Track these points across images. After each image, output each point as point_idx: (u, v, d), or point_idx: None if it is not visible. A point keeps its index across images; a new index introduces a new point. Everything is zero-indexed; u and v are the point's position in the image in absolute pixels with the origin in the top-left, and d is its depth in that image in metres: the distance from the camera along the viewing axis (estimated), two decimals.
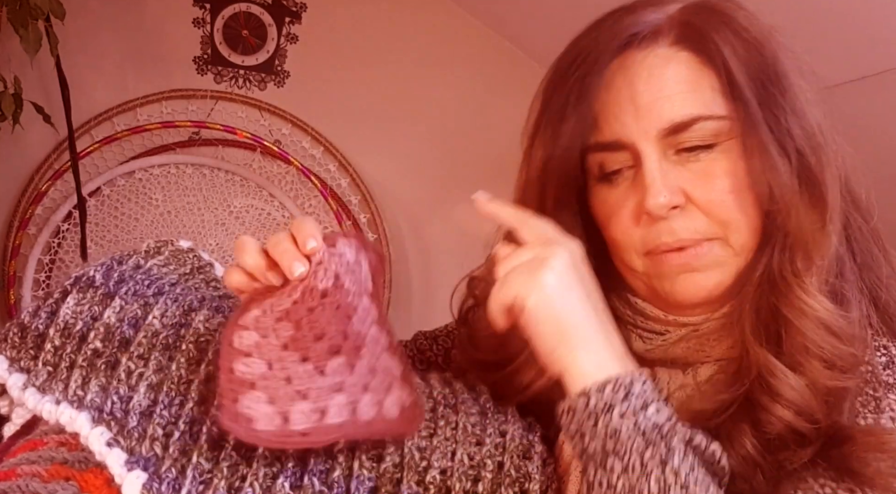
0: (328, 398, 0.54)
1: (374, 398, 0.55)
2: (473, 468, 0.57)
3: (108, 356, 0.57)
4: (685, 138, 0.61)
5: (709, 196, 0.61)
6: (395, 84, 2.05)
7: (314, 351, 0.55)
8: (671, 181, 0.61)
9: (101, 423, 0.53)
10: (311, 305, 0.56)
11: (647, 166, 0.61)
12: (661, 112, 0.60)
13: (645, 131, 0.61)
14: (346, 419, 0.53)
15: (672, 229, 0.61)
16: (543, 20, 1.86)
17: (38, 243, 1.82)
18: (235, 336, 0.55)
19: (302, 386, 0.54)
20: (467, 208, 0.66)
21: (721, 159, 0.61)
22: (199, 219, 1.94)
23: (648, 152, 0.61)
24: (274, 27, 1.99)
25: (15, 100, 1.56)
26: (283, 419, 0.52)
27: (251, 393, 0.53)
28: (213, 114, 1.95)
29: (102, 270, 0.63)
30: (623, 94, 0.62)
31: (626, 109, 0.61)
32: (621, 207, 0.64)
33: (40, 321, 0.60)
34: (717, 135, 0.61)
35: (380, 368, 0.57)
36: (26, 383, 0.56)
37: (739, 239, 0.61)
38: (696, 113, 0.60)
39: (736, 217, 0.61)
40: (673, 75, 0.61)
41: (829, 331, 0.57)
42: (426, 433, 0.59)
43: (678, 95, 0.60)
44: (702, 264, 0.62)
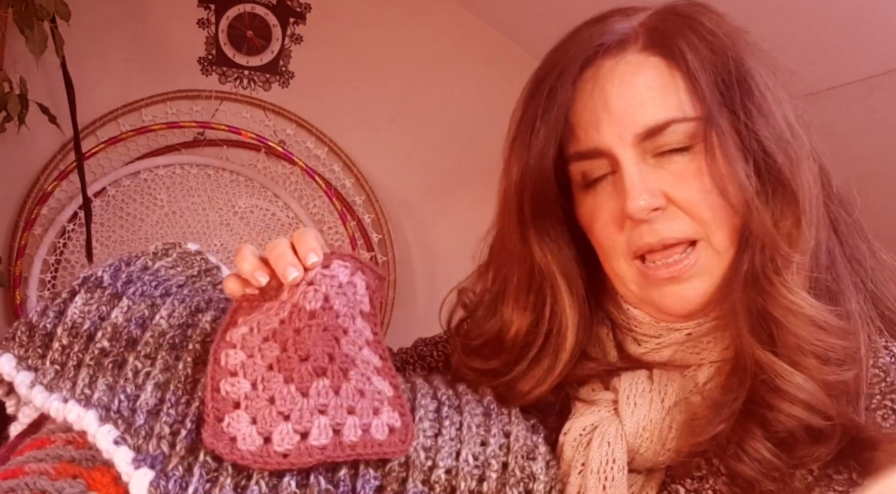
0: (310, 420, 0.54)
1: (360, 421, 0.55)
2: (478, 467, 0.58)
3: (115, 356, 0.58)
4: (661, 142, 0.61)
5: (688, 196, 0.61)
6: (399, 84, 2.05)
7: (299, 373, 0.55)
8: (651, 184, 0.61)
9: (108, 421, 0.53)
10: (298, 326, 0.57)
11: (626, 171, 0.62)
12: (634, 118, 0.61)
13: (620, 137, 0.62)
14: (328, 441, 0.54)
15: (655, 230, 0.62)
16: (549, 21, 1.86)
17: (44, 244, 1.83)
18: (222, 354, 0.56)
19: (284, 408, 0.54)
20: None
21: (696, 160, 0.62)
22: (204, 219, 1.94)
23: (626, 158, 0.62)
24: (278, 28, 2.00)
25: (21, 101, 1.57)
26: (264, 440, 0.53)
27: (235, 412, 0.54)
28: (218, 114, 1.95)
29: (111, 271, 0.64)
30: (597, 102, 0.63)
31: (601, 117, 0.62)
32: (604, 213, 0.64)
33: (48, 320, 0.60)
34: (692, 137, 0.61)
35: (368, 390, 0.57)
36: (34, 381, 0.57)
37: (720, 240, 0.62)
38: (670, 116, 0.61)
39: (713, 217, 0.61)
40: (644, 81, 0.62)
41: (817, 326, 0.57)
42: (431, 432, 0.59)
43: (650, 100, 0.61)
44: (689, 275, 0.62)
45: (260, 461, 0.52)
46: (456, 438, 0.59)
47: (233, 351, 0.56)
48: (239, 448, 0.52)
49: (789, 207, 0.60)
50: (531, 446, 0.61)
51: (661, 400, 0.63)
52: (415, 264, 2.11)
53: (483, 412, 0.64)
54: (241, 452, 0.52)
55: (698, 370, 0.64)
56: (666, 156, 0.62)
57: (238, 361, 0.56)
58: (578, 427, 0.64)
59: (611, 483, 0.60)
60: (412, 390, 0.65)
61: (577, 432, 0.63)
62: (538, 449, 0.61)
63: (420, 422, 0.60)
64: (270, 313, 0.58)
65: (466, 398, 0.65)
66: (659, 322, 0.66)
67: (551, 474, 0.60)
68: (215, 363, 0.56)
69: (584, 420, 0.64)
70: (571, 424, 0.64)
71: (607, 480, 0.60)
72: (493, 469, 0.58)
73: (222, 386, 0.55)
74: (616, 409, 0.64)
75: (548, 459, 0.61)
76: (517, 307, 0.68)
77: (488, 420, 0.62)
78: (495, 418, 0.63)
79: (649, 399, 0.63)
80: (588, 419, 0.64)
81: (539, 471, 0.59)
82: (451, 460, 0.58)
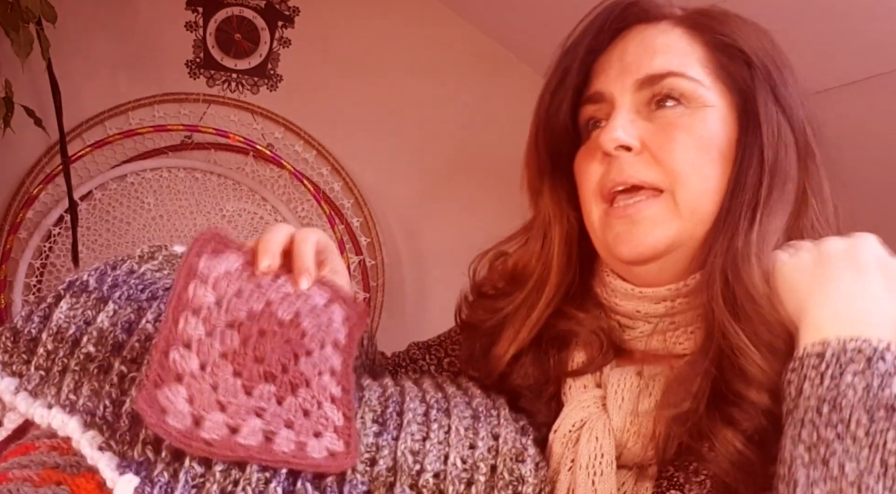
0: (244, 419, 0.54)
1: (296, 437, 0.55)
2: (467, 471, 0.58)
3: (100, 361, 0.57)
4: (655, 91, 0.65)
5: (663, 144, 0.64)
6: (387, 88, 2.05)
7: (249, 370, 0.55)
8: (633, 129, 0.65)
9: (92, 427, 0.53)
10: (263, 327, 0.57)
11: (615, 111, 0.66)
12: (640, 65, 0.66)
13: (622, 83, 0.66)
14: (257, 443, 0.53)
15: (622, 169, 0.64)
16: (537, 25, 1.87)
17: (29, 248, 1.81)
18: (182, 317, 0.56)
19: (224, 398, 0.54)
20: None
21: (686, 117, 0.65)
22: (192, 223, 1.93)
23: (620, 101, 0.66)
24: (267, 31, 1.99)
25: (6, 103, 1.56)
26: (194, 422, 0.52)
27: (175, 386, 0.53)
28: (206, 117, 1.94)
29: (96, 274, 0.63)
30: (614, 54, 0.68)
31: (613, 65, 0.67)
32: (589, 155, 0.68)
33: (33, 325, 0.60)
34: (687, 96, 0.65)
35: (315, 413, 0.57)
36: (18, 387, 0.56)
37: (687, 197, 0.63)
38: (672, 69, 0.65)
39: (685, 170, 0.63)
40: (663, 41, 0.67)
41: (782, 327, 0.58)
42: (419, 436, 0.59)
43: (661, 55, 0.66)
44: (642, 218, 0.64)
45: (183, 441, 0.52)
46: (444, 441, 0.59)
47: (193, 319, 0.56)
48: (167, 421, 0.52)
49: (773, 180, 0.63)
50: (520, 448, 0.61)
51: (649, 394, 0.63)
52: (404, 267, 2.11)
53: (472, 414, 0.63)
54: (167, 426, 0.51)
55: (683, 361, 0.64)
56: (660, 110, 0.65)
57: (195, 334, 0.55)
58: (568, 424, 0.64)
59: (600, 477, 0.61)
60: (401, 393, 0.65)
61: (567, 428, 0.64)
62: (527, 451, 0.61)
63: (408, 426, 0.60)
64: (244, 294, 0.58)
65: (455, 400, 0.65)
66: (635, 289, 0.67)
67: (541, 476, 0.60)
68: (173, 323, 0.55)
69: (574, 417, 0.64)
70: (561, 421, 0.65)
71: (596, 475, 0.61)
72: (481, 472, 0.58)
73: (171, 353, 0.54)
74: (605, 405, 0.64)
75: (537, 461, 0.61)
76: (529, 243, 0.73)
77: (477, 423, 0.62)
78: (484, 420, 0.63)
79: (637, 394, 0.63)
80: (577, 415, 0.64)
81: (528, 473, 0.59)
82: (440, 464, 0.58)
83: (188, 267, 0.58)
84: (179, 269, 0.58)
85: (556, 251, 0.70)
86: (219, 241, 0.61)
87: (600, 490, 0.60)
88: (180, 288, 0.57)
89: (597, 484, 0.60)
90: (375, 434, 0.59)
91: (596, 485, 0.60)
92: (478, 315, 0.74)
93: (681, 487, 0.60)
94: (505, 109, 1.97)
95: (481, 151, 2.01)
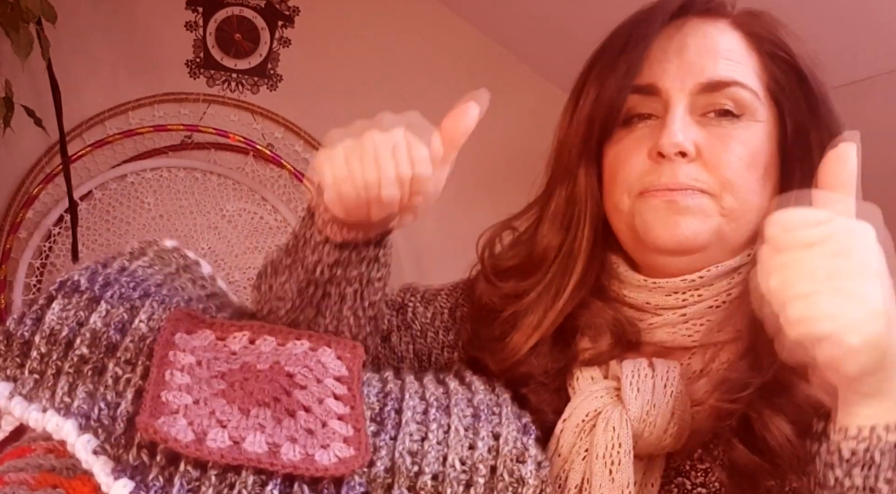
0: (247, 431, 0.54)
1: (301, 450, 0.54)
2: (466, 472, 0.57)
3: (94, 362, 0.57)
4: (716, 99, 0.64)
5: (719, 155, 0.63)
6: (387, 88, 2.05)
7: (242, 400, 0.56)
8: (689, 134, 0.63)
9: (87, 431, 0.53)
10: (247, 375, 0.58)
11: (673, 112, 0.64)
12: (703, 68, 0.64)
13: (682, 82, 0.64)
14: (262, 451, 0.53)
15: (674, 173, 0.63)
16: (537, 25, 1.87)
17: (29, 247, 1.81)
18: (167, 373, 0.56)
19: (223, 417, 0.54)
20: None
21: (742, 130, 0.64)
22: (192, 223, 1.93)
23: (678, 101, 0.64)
24: (267, 31, 1.99)
25: (6, 103, 1.56)
26: (197, 440, 0.52)
27: (172, 416, 0.53)
28: (206, 117, 1.94)
29: (87, 274, 0.63)
30: (672, 45, 0.66)
31: (671, 59, 0.65)
32: (633, 148, 0.66)
33: (25, 328, 0.59)
34: (746, 108, 0.64)
35: (321, 432, 0.56)
36: (13, 391, 0.56)
37: (732, 203, 0.64)
38: (736, 78, 0.64)
39: (737, 181, 0.63)
40: (725, 44, 0.65)
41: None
42: (418, 437, 0.59)
43: (724, 60, 0.65)
44: (685, 207, 0.63)
45: (191, 449, 0.51)
46: (443, 442, 0.59)
47: (179, 373, 0.56)
48: (176, 438, 0.52)
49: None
50: (521, 448, 0.60)
51: (664, 385, 0.63)
52: (403, 267, 2.11)
53: (473, 413, 0.63)
54: (176, 443, 0.52)
55: (693, 358, 0.65)
56: (714, 119, 0.65)
57: (183, 382, 0.56)
58: (580, 414, 0.64)
59: (617, 467, 0.60)
60: (401, 389, 0.64)
61: (580, 418, 0.64)
62: (528, 452, 0.60)
63: (406, 425, 0.59)
64: (221, 358, 0.59)
65: (456, 397, 0.64)
66: (647, 280, 0.66)
67: (542, 476, 0.59)
68: (160, 376, 0.55)
69: (586, 407, 0.64)
70: (572, 410, 0.64)
71: (614, 464, 0.60)
72: (480, 473, 0.57)
73: (164, 396, 0.54)
74: (618, 395, 0.64)
75: (539, 460, 0.60)
76: (552, 227, 0.70)
77: (477, 422, 0.61)
78: (485, 419, 0.62)
79: (651, 385, 0.63)
80: (590, 404, 0.64)
81: (528, 475, 0.59)
82: (438, 465, 0.57)
83: (165, 341, 0.58)
84: (157, 343, 0.58)
85: (586, 238, 0.69)
86: (190, 320, 0.62)
87: (618, 479, 0.60)
88: (160, 356, 0.57)
89: (614, 474, 0.60)
90: (373, 434, 0.58)
91: (613, 474, 0.60)
92: (493, 299, 0.72)
93: (686, 474, 0.62)
94: (505, 110, 1.97)
95: (481, 150, 2.00)
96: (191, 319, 0.62)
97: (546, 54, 0.59)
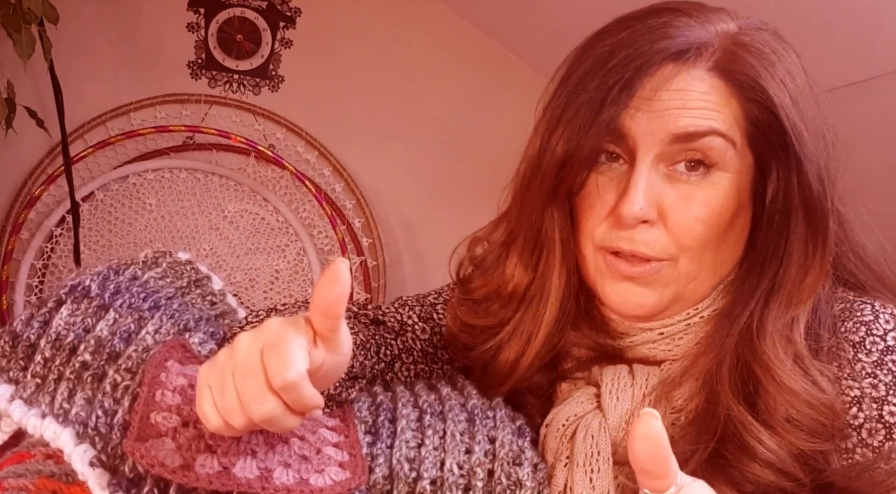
0: (236, 456, 0.52)
1: (295, 474, 0.53)
2: (464, 477, 0.57)
3: (95, 369, 0.57)
4: (689, 149, 0.61)
5: (681, 221, 0.62)
6: (389, 89, 2.05)
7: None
8: (654, 194, 0.61)
9: (84, 440, 0.53)
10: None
11: (638, 171, 0.61)
12: (678, 118, 0.60)
13: (654, 133, 0.61)
14: (253, 476, 0.51)
15: (632, 239, 0.62)
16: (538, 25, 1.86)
17: (31, 248, 1.82)
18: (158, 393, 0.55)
19: (213, 442, 0.52)
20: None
21: (706, 188, 0.62)
22: (193, 223, 1.93)
23: (645, 155, 0.61)
24: (268, 32, 1.99)
25: (8, 104, 1.56)
26: (184, 466, 0.50)
27: (160, 439, 0.52)
28: (208, 118, 1.95)
29: (98, 279, 0.63)
30: (645, 93, 0.61)
31: (642, 108, 0.61)
32: (597, 199, 0.64)
33: (32, 330, 0.59)
34: (719, 158, 0.61)
35: (315, 458, 0.55)
36: (13, 395, 0.56)
37: (688, 266, 0.63)
38: (712, 126, 0.60)
39: (695, 246, 0.62)
40: (699, 95, 0.61)
41: (805, 402, 0.58)
42: (414, 443, 0.59)
43: (700, 110, 0.61)
44: (646, 281, 0.63)
45: (178, 476, 0.49)
46: (440, 447, 0.59)
47: (170, 393, 0.55)
48: (163, 462, 0.50)
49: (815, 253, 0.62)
50: (517, 451, 0.61)
51: (643, 394, 0.64)
52: (405, 268, 2.11)
53: (467, 417, 0.63)
54: (164, 468, 0.49)
55: (674, 364, 0.65)
56: (683, 172, 0.62)
57: (174, 403, 0.55)
58: (561, 418, 0.64)
59: (597, 474, 0.61)
60: (392, 399, 0.64)
61: (560, 422, 0.64)
62: (524, 454, 0.61)
63: (402, 433, 0.59)
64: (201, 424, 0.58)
65: (450, 403, 0.64)
66: (624, 322, 0.67)
67: (538, 478, 0.60)
68: (150, 395, 0.54)
69: (567, 412, 0.65)
70: (554, 415, 0.65)
71: (594, 472, 0.61)
72: (478, 477, 0.57)
73: (153, 417, 0.53)
74: (598, 403, 0.64)
75: (535, 462, 0.61)
76: (520, 263, 0.68)
77: (472, 427, 0.62)
78: (480, 423, 0.62)
79: (631, 394, 0.64)
80: (570, 410, 0.65)
81: (525, 477, 0.59)
82: (436, 470, 0.57)
83: (157, 363, 0.58)
84: (149, 364, 0.57)
85: (555, 284, 0.67)
86: (184, 352, 0.61)
87: (598, 486, 0.61)
88: (151, 376, 0.56)
89: (595, 482, 0.61)
90: (369, 444, 0.58)
91: (594, 482, 0.61)
92: (468, 339, 0.71)
93: None
94: (507, 110, 1.97)
95: (482, 151, 2.00)
96: (185, 351, 0.61)
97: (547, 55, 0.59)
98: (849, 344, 0.61)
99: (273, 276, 1.97)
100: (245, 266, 1.96)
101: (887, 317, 0.62)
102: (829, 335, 0.62)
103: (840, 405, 0.59)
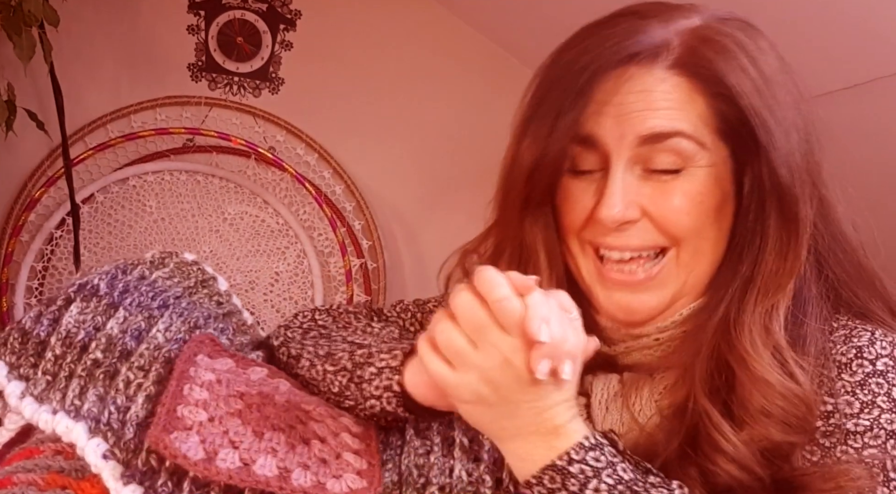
0: (257, 454, 0.53)
1: (313, 477, 0.54)
2: (472, 484, 0.57)
3: (107, 367, 0.57)
4: (657, 151, 0.61)
5: (664, 214, 0.62)
6: (389, 91, 2.05)
7: (257, 422, 0.56)
8: (631, 195, 0.62)
9: (97, 434, 0.53)
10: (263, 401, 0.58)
11: (612, 175, 0.62)
12: (644, 120, 0.61)
13: (622, 136, 0.61)
14: (272, 475, 0.52)
15: (621, 236, 0.63)
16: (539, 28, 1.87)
17: (31, 251, 1.82)
18: (186, 387, 0.56)
19: (235, 438, 0.54)
20: None
21: (682, 181, 0.62)
22: (194, 226, 1.93)
23: (618, 161, 0.62)
24: (268, 34, 1.99)
25: (8, 107, 1.56)
26: (207, 458, 0.52)
27: (184, 432, 0.53)
28: (208, 121, 1.94)
29: (107, 279, 0.63)
30: (611, 99, 0.62)
31: (609, 112, 0.62)
32: (579, 202, 0.65)
33: (42, 328, 0.59)
34: (688, 159, 0.62)
35: (334, 463, 0.56)
36: (24, 391, 0.56)
37: (685, 256, 0.63)
38: (677, 127, 0.61)
39: (687, 235, 0.62)
40: (662, 93, 0.61)
41: (780, 394, 0.58)
42: (423, 450, 0.59)
43: (664, 110, 0.61)
44: (644, 287, 0.63)
45: (199, 468, 0.51)
46: (448, 454, 0.59)
47: (198, 388, 0.56)
48: (186, 454, 0.51)
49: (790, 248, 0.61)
50: None
51: (632, 404, 0.64)
52: (405, 270, 2.11)
53: None
54: (186, 458, 0.51)
55: (666, 372, 0.65)
56: (659, 171, 0.62)
57: (201, 397, 0.56)
58: None
59: None
60: None
61: None
62: None
63: (411, 440, 0.60)
64: (240, 380, 0.59)
65: None
66: (619, 329, 0.66)
67: None
68: (178, 389, 0.55)
69: None
70: None
71: None
72: (487, 485, 0.57)
73: (179, 410, 0.54)
74: (588, 413, 0.64)
75: None
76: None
77: (480, 434, 0.62)
78: None
79: (620, 405, 0.64)
80: None
81: None
82: (445, 477, 0.57)
83: (187, 358, 0.59)
84: (179, 358, 0.58)
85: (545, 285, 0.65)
86: (213, 346, 0.62)
87: None
88: (181, 370, 0.57)
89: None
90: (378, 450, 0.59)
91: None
92: None
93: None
94: (507, 113, 1.97)
95: (482, 153, 2.00)
96: (214, 345, 0.62)
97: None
98: (835, 365, 0.60)
99: (273, 278, 1.97)
100: (245, 268, 1.96)
101: (884, 343, 0.61)
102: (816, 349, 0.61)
103: (814, 397, 0.59)
